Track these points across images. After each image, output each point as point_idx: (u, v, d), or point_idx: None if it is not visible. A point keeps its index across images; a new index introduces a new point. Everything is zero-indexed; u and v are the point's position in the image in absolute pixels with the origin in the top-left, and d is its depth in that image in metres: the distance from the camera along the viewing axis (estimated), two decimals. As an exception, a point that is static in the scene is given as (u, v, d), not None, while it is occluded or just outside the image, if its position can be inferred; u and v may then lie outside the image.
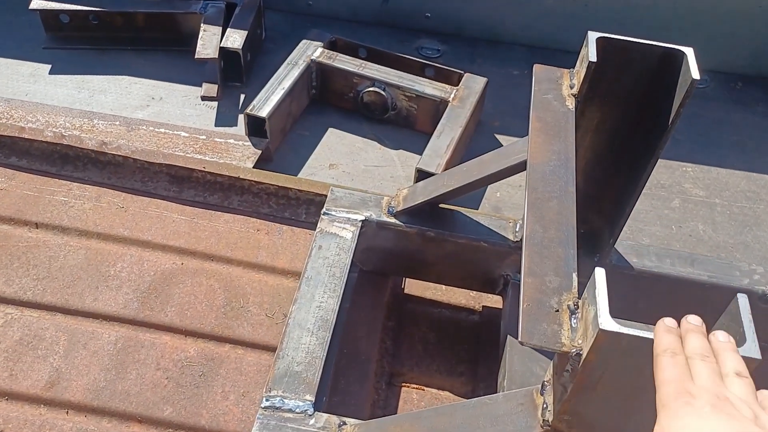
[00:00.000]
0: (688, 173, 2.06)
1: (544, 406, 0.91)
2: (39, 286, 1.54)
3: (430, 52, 2.41)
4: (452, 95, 2.00)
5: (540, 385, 0.95)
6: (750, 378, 0.73)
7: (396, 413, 1.43)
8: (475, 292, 1.67)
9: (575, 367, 0.81)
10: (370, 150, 2.05)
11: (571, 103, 1.14)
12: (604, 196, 1.38)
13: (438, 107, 2.01)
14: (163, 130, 1.93)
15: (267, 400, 1.15)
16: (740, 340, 0.77)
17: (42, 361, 1.42)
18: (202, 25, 2.14)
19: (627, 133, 1.27)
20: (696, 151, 2.13)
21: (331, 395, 1.38)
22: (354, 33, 2.41)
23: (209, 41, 2.08)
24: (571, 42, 1.67)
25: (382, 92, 2.04)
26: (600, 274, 0.79)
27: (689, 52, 1.13)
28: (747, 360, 0.75)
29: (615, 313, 0.78)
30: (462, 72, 2.08)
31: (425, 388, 1.49)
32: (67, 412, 1.36)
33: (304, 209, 1.76)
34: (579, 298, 0.86)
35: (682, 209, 1.95)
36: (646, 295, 1.47)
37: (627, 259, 1.46)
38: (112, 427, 1.35)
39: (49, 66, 2.19)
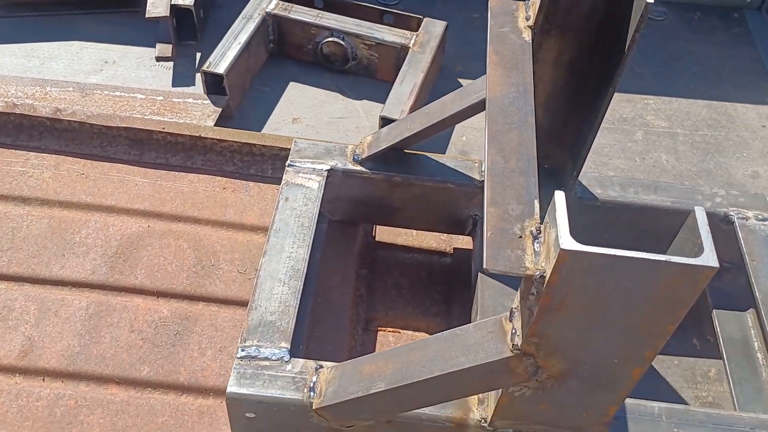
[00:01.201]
0: (650, 105, 2.07)
1: (513, 331, 0.93)
2: (4, 257, 1.52)
3: (389, -1, 2.37)
4: (412, 41, 1.98)
5: (509, 313, 0.96)
6: None
7: (374, 357, 1.45)
8: (445, 235, 1.69)
9: (540, 290, 0.82)
10: (333, 102, 2.03)
11: (527, 35, 1.14)
12: (566, 130, 1.39)
13: (399, 54, 1.99)
14: (118, 93, 1.88)
15: (242, 350, 1.15)
16: (698, 251, 0.78)
17: (13, 331, 1.41)
18: (151, -18, 2.07)
19: (585, 64, 1.26)
20: (657, 83, 2.14)
21: (308, 343, 1.39)
22: (309, -17, 2.35)
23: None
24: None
25: (342, 42, 2.01)
26: (560, 197, 0.80)
27: (642, -25, 1.12)
28: (706, 269, 0.76)
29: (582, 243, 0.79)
30: (421, 17, 2.06)
31: (401, 331, 1.51)
32: (43, 379, 1.35)
33: (269, 164, 1.75)
34: (541, 223, 0.87)
35: (645, 141, 1.97)
36: (612, 225, 1.49)
37: (591, 191, 1.47)
38: (90, 390, 1.35)
39: (-4, 35, 2.12)
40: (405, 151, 1.51)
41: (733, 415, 1.14)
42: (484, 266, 0.82)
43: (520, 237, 0.86)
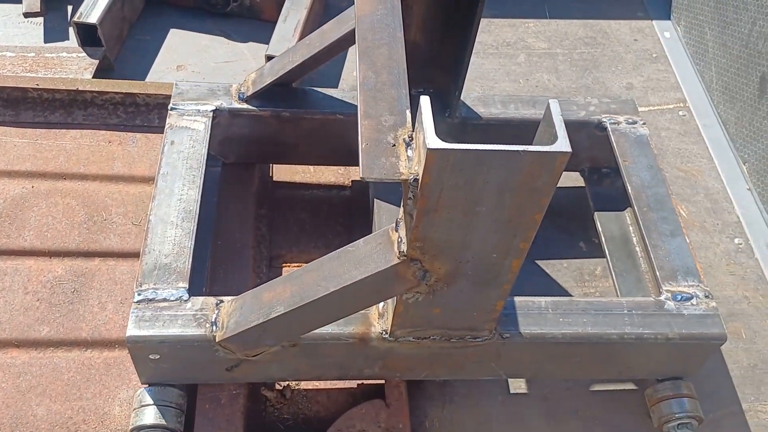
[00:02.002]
0: (530, 28, 2.14)
1: (399, 240, 0.97)
2: None
3: (267, -61, 2.30)
4: (292, -23, 1.94)
5: (394, 224, 1.00)
6: None
7: (280, 292, 1.47)
8: (343, 168, 1.71)
9: (416, 193, 0.86)
10: (218, 46, 1.99)
11: (392, -47, 1.15)
12: (445, 53, 1.42)
13: (280, -8, 1.95)
14: (-16, 52, 1.77)
15: (139, 294, 1.15)
16: (553, 139, 0.84)
17: None
18: (6, -68, 1.94)
19: (454, -18, 1.29)
20: (536, 6, 2.21)
21: (212, 285, 1.39)
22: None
23: (18, -51, 1.89)
24: None
25: (220, -17, 1.96)
26: (425, 102, 0.83)
27: None
28: (560, 154, 0.82)
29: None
30: (299, -47, 2.02)
31: (305, 265, 1.53)
32: (-65, 352, 1.30)
33: (156, 114, 1.70)
34: (413, 131, 0.90)
35: (527, 63, 2.04)
36: (498, 141, 1.54)
37: (475, 111, 1.53)
38: (-11, 358, 1.31)
39: None
40: (293, 86, 1.51)
41: (612, 301, 1.24)
42: (360, 175, 0.85)
43: (394, 145, 0.88)
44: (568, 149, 0.83)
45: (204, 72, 1.91)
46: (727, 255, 1.65)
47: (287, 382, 1.35)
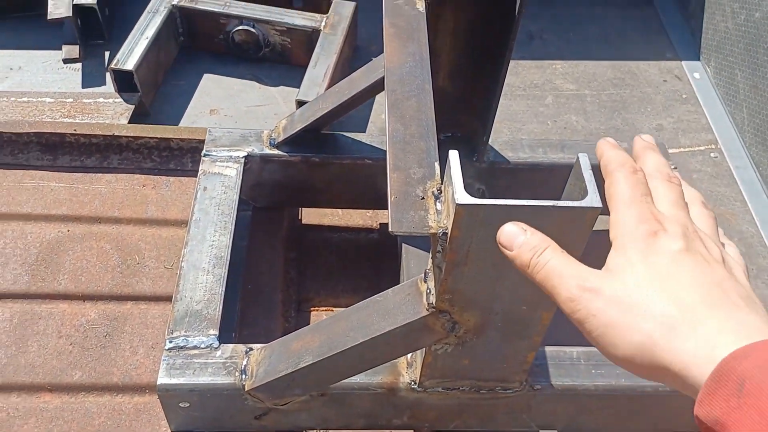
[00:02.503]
0: (558, 70, 2.15)
1: (428, 291, 0.97)
2: None
3: (298, -16, 2.36)
4: (323, 23, 1.99)
5: (423, 274, 1.00)
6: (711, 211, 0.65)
7: (308, 337, 1.47)
8: (371, 211, 1.72)
9: (445, 246, 0.86)
10: (250, 90, 2.03)
11: (421, 5, 1.17)
12: (473, 97, 1.43)
13: (311, 37, 2.00)
14: (26, 99, 1.83)
15: (170, 342, 1.16)
16: (583, 194, 0.83)
17: (-66, 351, 1.37)
18: (49, -17, 2.02)
19: (482, 32, 1.31)
20: (564, 48, 2.22)
21: (241, 330, 1.40)
22: (217, -26, 2.33)
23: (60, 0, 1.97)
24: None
25: (253, 30, 2.01)
26: (454, 156, 0.83)
27: (525, -60, 1.17)
28: (590, 210, 0.81)
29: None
30: (330, -1, 2.07)
31: (334, 309, 1.53)
32: (-29, 396, 1.32)
33: (189, 158, 1.73)
34: (442, 184, 0.90)
35: (555, 104, 2.04)
36: (526, 186, 1.55)
37: (503, 155, 1.53)
38: (22, 401, 1.33)
39: None
40: (322, 132, 1.53)
41: (645, 351, 1.21)
42: (390, 229, 0.85)
43: (423, 198, 0.89)
44: (599, 204, 0.82)
45: (236, 116, 1.95)
46: (764, 301, 1.61)
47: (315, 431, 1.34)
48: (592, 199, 0.84)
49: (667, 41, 2.25)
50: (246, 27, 2.00)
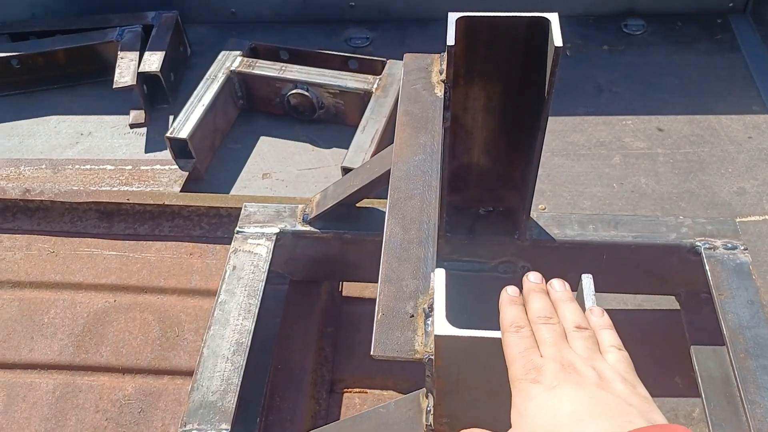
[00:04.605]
0: (628, 126, 2.00)
1: (428, 409, 0.89)
2: (-25, 345, 1.54)
3: (359, 41, 2.36)
4: (375, 85, 1.96)
5: (425, 390, 0.92)
6: (589, 328, 0.75)
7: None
8: (415, 283, 1.65)
9: (432, 372, 0.79)
10: (303, 153, 2.03)
11: (440, 90, 1.11)
12: (512, 171, 1.35)
13: (363, 99, 1.97)
14: (88, 166, 1.92)
15: (182, 435, 1.14)
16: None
17: (-18, 421, 1.43)
18: (119, 52, 2.12)
19: (515, 107, 1.23)
20: (635, 101, 2.08)
21: (267, 414, 1.36)
22: (281, 34, 2.38)
23: (126, 68, 2.06)
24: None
25: (306, 93, 2.01)
26: (440, 276, 0.76)
27: (553, 18, 1.08)
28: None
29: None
30: (385, 60, 2.04)
31: (368, 391, 1.47)
32: (9, 469, 1.36)
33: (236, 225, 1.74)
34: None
35: (623, 165, 1.90)
36: (573, 265, 1.43)
37: (548, 231, 1.42)
38: (55, 477, 1.35)
39: (-22, 118, 2.19)
40: (357, 205, 1.49)
41: (696, 470, 1.07)
42: (372, 353, 0.79)
43: (412, 316, 0.82)
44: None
45: (287, 180, 1.95)
46: None
47: None
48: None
49: (754, 92, 2.05)
50: (300, 90, 2.01)
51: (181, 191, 1.86)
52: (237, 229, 1.45)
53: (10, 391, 1.47)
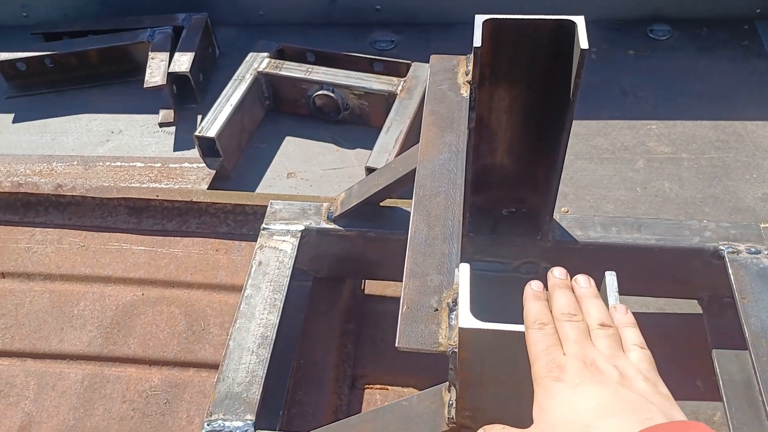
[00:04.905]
0: (653, 131, 2.00)
1: (450, 403, 0.91)
2: (8, 334, 1.59)
3: (384, 45, 2.39)
4: (400, 87, 1.98)
5: (448, 383, 0.94)
6: (613, 326, 0.76)
7: (360, 416, 1.44)
8: (436, 283, 1.67)
9: (456, 365, 0.80)
10: (328, 153, 2.05)
11: (465, 91, 1.13)
12: (535, 173, 1.36)
13: (388, 101, 2.00)
14: (119, 163, 1.96)
15: (208, 425, 1.16)
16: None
17: (14, 408, 1.47)
18: (150, 53, 2.16)
19: (539, 109, 1.24)
20: (660, 106, 2.07)
21: (290, 408, 1.39)
22: (308, 36, 2.41)
23: (157, 68, 2.10)
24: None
25: (332, 94, 2.04)
26: (464, 270, 0.78)
27: (579, 21, 1.10)
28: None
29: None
30: (409, 62, 2.06)
31: (389, 387, 1.49)
32: (40, 455, 1.40)
33: (262, 222, 1.77)
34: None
35: (647, 169, 1.90)
36: (595, 267, 1.43)
37: (571, 233, 1.43)
38: (83, 465, 1.39)
39: (12, 115, 2.25)
40: (381, 205, 1.51)
41: (716, 472, 1.07)
42: (396, 344, 0.81)
43: (436, 310, 0.84)
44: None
45: (312, 179, 1.98)
46: None
47: None
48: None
49: (781, 98, 2.04)
50: (326, 91, 2.03)
51: (208, 189, 1.89)
52: (263, 225, 1.48)
53: (40, 380, 1.52)
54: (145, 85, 2.07)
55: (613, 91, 2.14)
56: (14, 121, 2.23)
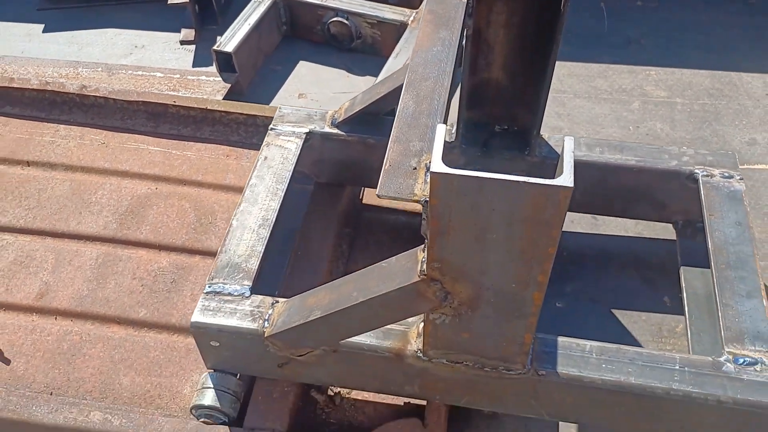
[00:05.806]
0: (651, 76, 2.08)
1: (423, 259, 1.02)
2: (30, 214, 1.72)
3: (401, -20, 2.46)
4: (412, 17, 2.07)
5: (424, 243, 1.05)
6: None
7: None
8: (431, 199, 1.77)
9: (427, 214, 0.91)
10: (339, 78, 2.15)
11: (464, -5, 1.21)
12: (526, 90, 1.44)
13: (399, 31, 2.08)
14: (140, 72, 2.07)
15: (209, 287, 1.29)
16: (559, 172, 0.85)
17: (33, 277, 1.60)
18: (175, -28, 2.26)
19: (533, 25, 1.32)
20: (661, 54, 2.15)
21: (285, 291, 1.51)
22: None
23: (181, -13, 2.20)
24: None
25: (346, 21, 2.13)
26: (440, 128, 0.88)
27: (574, -66, 1.18)
28: (562, 188, 0.83)
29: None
30: (423, -5, 2.14)
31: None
32: (56, 318, 1.54)
33: (271, 133, 1.88)
34: (437, 156, 0.95)
35: (641, 110, 1.98)
36: (579, 184, 1.53)
37: (557, 150, 1.53)
38: (95, 329, 1.52)
39: (42, 26, 2.36)
40: (384, 116, 1.61)
41: (664, 355, 1.18)
42: (377, 192, 0.92)
43: (415, 168, 0.95)
44: (570, 185, 0.84)
45: (322, 101, 2.08)
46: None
47: (338, 389, 1.43)
48: (565, 179, 0.85)
49: (778, 52, 2.11)
50: (340, 19, 2.12)
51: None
52: (271, 126, 1.59)
53: (58, 255, 1.65)
54: (169, 1, 2.16)
55: (618, 39, 2.21)
56: (44, 31, 2.34)
